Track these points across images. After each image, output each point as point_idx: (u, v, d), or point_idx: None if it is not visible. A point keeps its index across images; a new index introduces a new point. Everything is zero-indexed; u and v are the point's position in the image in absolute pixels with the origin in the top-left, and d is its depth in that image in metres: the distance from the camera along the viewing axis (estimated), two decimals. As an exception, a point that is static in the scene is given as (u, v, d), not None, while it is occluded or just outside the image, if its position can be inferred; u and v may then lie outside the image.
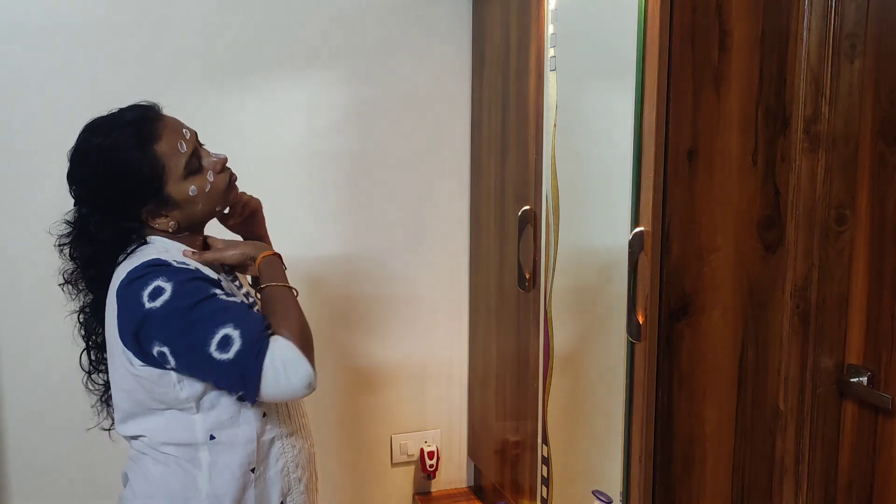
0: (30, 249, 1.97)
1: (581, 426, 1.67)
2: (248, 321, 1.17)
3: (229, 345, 1.14)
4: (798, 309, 1.42)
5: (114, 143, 1.22)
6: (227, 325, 1.15)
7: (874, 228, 1.32)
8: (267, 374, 1.14)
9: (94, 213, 1.25)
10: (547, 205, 1.76)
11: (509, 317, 2.04)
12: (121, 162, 1.21)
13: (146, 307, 1.16)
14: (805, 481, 1.43)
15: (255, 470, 1.26)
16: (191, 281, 1.19)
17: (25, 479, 2.03)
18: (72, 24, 1.94)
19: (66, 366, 2.03)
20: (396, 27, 2.21)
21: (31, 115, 1.94)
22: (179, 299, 1.16)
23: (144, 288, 1.17)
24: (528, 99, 1.85)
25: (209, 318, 1.15)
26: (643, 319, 1.39)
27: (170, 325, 1.16)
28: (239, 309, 1.19)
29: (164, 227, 1.27)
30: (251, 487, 1.26)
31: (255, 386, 1.15)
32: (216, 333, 1.14)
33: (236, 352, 1.13)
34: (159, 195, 1.24)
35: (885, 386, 1.30)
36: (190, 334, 1.15)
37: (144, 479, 1.26)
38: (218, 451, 1.24)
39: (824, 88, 1.36)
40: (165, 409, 1.24)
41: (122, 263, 1.24)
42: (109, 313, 1.23)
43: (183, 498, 1.23)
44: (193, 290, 1.18)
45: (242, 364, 1.14)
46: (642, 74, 1.36)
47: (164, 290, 1.16)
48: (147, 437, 1.26)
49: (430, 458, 2.35)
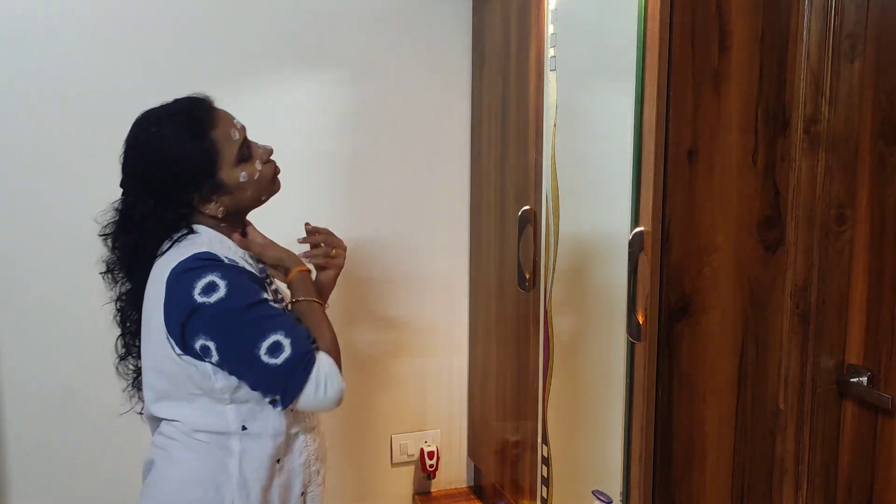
0: (30, 250, 1.97)
1: (581, 426, 1.67)
2: (298, 331, 1.22)
3: (279, 351, 1.19)
4: (798, 309, 1.42)
5: (171, 131, 1.26)
6: (278, 332, 1.20)
7: (874, 228, 1.32)
8: (309, 385, 1.20)
9: (145, 200, 1.28)
10: (547, 205, 1.76)
11: (509, 317, 2.04)
12: (177, 148, 1.26)
13: (198, 301, 1.19)
14: (805, 481, 1.43)
15: (281, 461, 1.31)
16: (244, 281, 1.23)
17: (25, 477, 2.03)
18: (72, 24, 1.94)
19: (65, 365, 2.04)
20: (397, 27, 2.21)
21: (31, 116, 1.94)
22: (234, 298, 1.20)
23: (197, 281, 1.20)
24: (528, 99, 1.85)
25: (262, 322, 1.20)
26: (643, 319, 1.39)
27: (221, 323, 1.20)
28: (288, 318, 1.24)
29: (213, 213, 1.30)
30: (277, 477, 1.30)
31: (295, 394, 1.20)
32: (267, 338, 1.19)
33: (285, 359, 1.19)
34: (212, 180, 1.27)
35: (885, 386, 1.30)
36: (241, 334, 1.19)
37: (175, 466, 1.29)
38: (248, 441, 1.28)
39: (824, 88, 1.36)
40: (200, 396, 1.27)
41: (168, 251, 1.27)
42: (152, 299, 1.26)
43: (214, 484, 1.26)
44: (247, 291, 1.22)
45: (289, 372, 1.19)
46: (642, 74, 1.36)
47: (218, 287, 1.20)
48: (180, 423, 1.29)
49: (430, 458, 2.35)
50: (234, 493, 1.27)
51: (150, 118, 1.30)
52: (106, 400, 2.06)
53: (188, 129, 1.27)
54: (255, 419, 1.28)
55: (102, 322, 2.03)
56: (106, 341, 2.05)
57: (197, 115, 1.29)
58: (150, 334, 1.28)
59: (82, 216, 1.99)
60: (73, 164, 1.98)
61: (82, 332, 2.03)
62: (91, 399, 2.05)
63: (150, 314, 1.28)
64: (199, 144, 1.26)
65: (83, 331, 2.03)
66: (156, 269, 1.28)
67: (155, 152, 1.27)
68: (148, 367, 1.32)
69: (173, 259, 1.24)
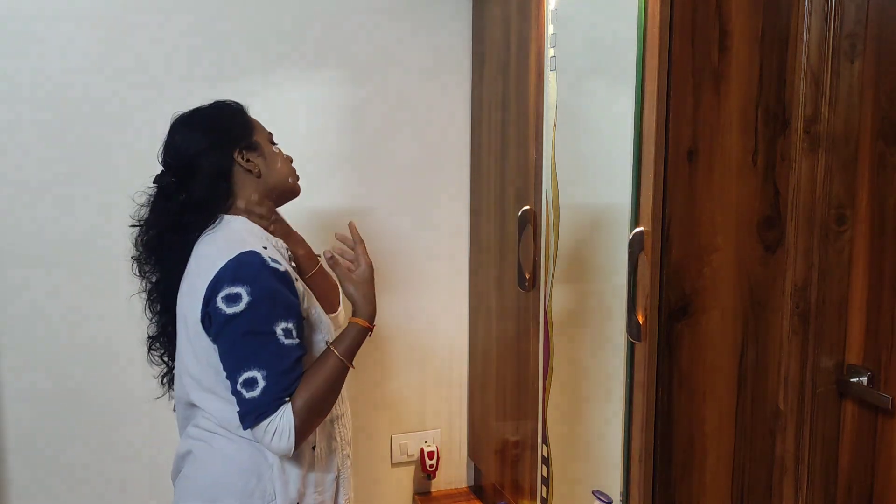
0: (30, 250, 1.97)
1: (581, 426, 1.67)
2: (279, 380, 1.24)
3: (253, 387, 1.24)
4: (798, 309, 1.42)
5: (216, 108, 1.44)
6: (261, 371, 1.23)
7: (874, 228, 1.32)
8: (257, 430, 1.25)
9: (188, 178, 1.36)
10: (547, 205, 1.76)
11: (509, 317, 2.04)
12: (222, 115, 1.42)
13: (218, 306, 1.24)
14: (805, 481, 1.43)
15: (316, 448, 1.38)
16: (266, 304, 1.25)
17: (25, 477, 2.03)
18: (72, 24, 1.94)
19: (65, 365, 2.04)
20: (397, 27, 2.21)
21: (30, 114, 1.94)
22: (243, 320, 1.24)
23: (228, 286, 1.24)
24: (528, 99, 1.85)
25: (252, 354, 1.24)
26: (643, 319, 1.39)
27: (224, 333, 1.25)
28: (282, 362, 1.25)
29: (251, 169, 1.38)
30: (313, 463, 1.38)
31: (249, 428, 1.26)
32: (249, 371, 1.24)
33: (252, 397, 1.24)
34: (249, 139, 1.40)
35: (885, 386, 1.30)
36: (231, 354, 1.25)
37: (216, 457, 1.34)
38: None
39: (824, 88, 1.36)
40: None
41: (209, 239, 1.33)
42: (192, 288, 1.30)
43: (256, 473, 1.32)
44: (260, 319, 1.24)
45: (250, 410, 1.24)
46: (642, 74, 1.36)
47: (239, 302, 1.24)
48: (217, 418, 1.33)
49: (430, 458, 2.35)
50: (276, 480, 1.33)
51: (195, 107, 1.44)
52: (106, 400, 2.07)
53: (231, 108, 1.44)
54: None
55: (103, 322, 2.05)
56: (106, 342, 2.06)
57: (235, 104, 1.46)
58: (187, 322, 1.32)
59: (82, 215, 2.00)
60: (74, 164, 1.98)
61: (83, 332, 2.04)
62: (91, 399, 2.05)
63: (188, 304, 1.31)
64: (237, 116, 1.43)
65: (84, 331, 2.04)
66: (198, 259, 1.33)
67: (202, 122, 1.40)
68: (187, 353, 1.35)
69: (219, 255, 1.28)
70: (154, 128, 2.03)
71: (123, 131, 2.02)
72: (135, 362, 2.09)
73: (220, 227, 1.35)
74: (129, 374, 2.07)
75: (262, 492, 1.32)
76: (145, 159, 2.03)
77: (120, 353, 2.06)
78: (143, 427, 2.10)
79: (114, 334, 2.06)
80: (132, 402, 2.08)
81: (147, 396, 2.09)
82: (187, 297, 1.32)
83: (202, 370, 1.32)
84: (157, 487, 2.12)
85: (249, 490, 1.31)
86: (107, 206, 2.01)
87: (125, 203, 2.03)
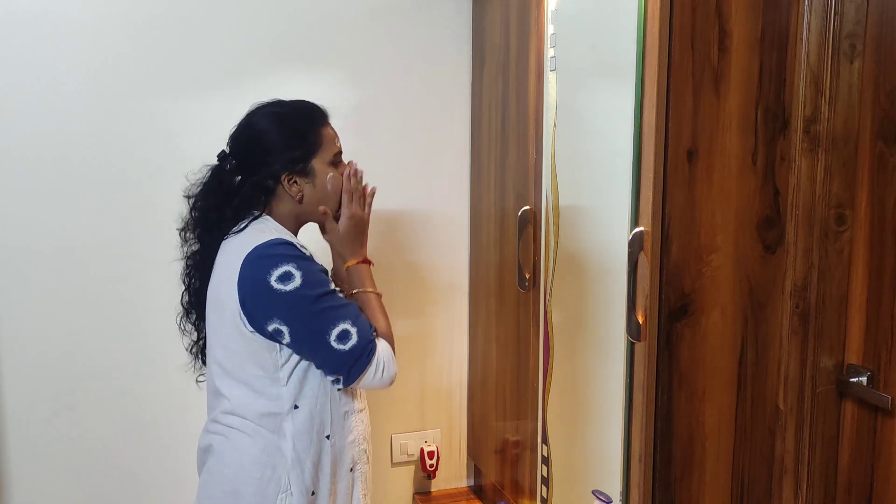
0: (30, 248, 1.97)
1: (581, 426, 1.67)
2: (362, 321, 1.37)
3: (347, 339, 1.34)
4: (798, 309, 1.42)
5: (297, 110, 1.46)
6: (346, 321, 1.34)
7: (874, 228, 1.32)
8: (370, 369, 1.36)
9: (243, 168, 1.42)
10: (547, 205, 1.76)
11: (509, 317, 2.04)
12: (296, 123, 1.44)
13: (274, 288, 1.31)
14: (805, 481, 1.43)
15: (331, 437, 1.43)
16: (316, 272, 1.35)
17: (25, 477, 2.03)
18: (72, 24, 1.94)
19: (65, 365, 2.04)
20: (396, 27, 2.21)
21: (30, 114, 1.94)
22: (308, 289, 1.32)
23: (274, 269, 1.32)
24: (528, 99, 1.85)
25: (332, 311, 1.34)
26: (643, 319, 1.39)
27: (296, 310, 1.32)
28: (353, 308, 1.38)
29: (293, 195, 1.43)
30: (327, 453, 1.42)
31: (356, 376, 1.36)
32: (337, 326, 1.33)
33: (352, 346, 1.34)
34: (305, 163, 1.43)
35: (885, 386, 1.30)
36: (313, 322, 1.33)
37: (235, 450, 1.40)
38: (299, 419, 1.39)
39: (824, 88, 1.36)
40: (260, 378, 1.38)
41: (242, 232, 1.40)
42: (225, 277, 1.37)
43: (271, 465, 1.38)
44: (319, 282, 1.35)
45: (355, 358, 1.34)
46: (642, 74, 1.36)
47: (294, 277, 1.32)
48: (237, 408, 1.39)
49: (430, 457, 2.35)
50: (290, 470, 1.38)
51: (278, 100, 1.47)
52: (106, 400, 2.07)
53: (310, 114, 1.46)
54: (306, 398, 1.39)
55: (103, 322, 2.05)
56: (106, 342, 2.06)
57: (317, 111, 1.48)
58: (222, 311, 1.38)
59: (82, 215, 2.00)
60: (74, 165, 1.98)
61: (83, 332, 2.04)
62: (91, 399, 2.06)
63: (222, 292, 1.38)
64: (311, 129, 1.44)
65: (84, 331, 2.04)
66: (229, 249, 1.39)
67: (276, 122, 1.43)
68: (217, 342, 1.42)
69: (248, 242, 1.36)
70: (153, 127, 2.05)
71: (124, 130, 2.02)
72: (136, 362, 2.09)
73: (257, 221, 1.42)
74: (130, 374, 2.07)
75: (278, 482, 1.38)
76: (144, 158, 2.04)
77: (119, 354, 2.07)
78: (144, 427, 2.10)
79: (116, 340, 2.06)
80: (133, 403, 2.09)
81: (147, 396, 2.10)
82: (224, 286, 1.37)
83: (227, 357, 1.39)
84: (157, 488, 2.12)
85: (265, 480, 1.37)
86: (107, 206, 2.01)
87: (125, 203, 2.05)
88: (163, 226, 2.06)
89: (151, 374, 2.09)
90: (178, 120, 2.05)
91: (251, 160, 1.42)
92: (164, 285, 2.07)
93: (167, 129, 2.04)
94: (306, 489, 1.39)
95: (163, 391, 2.10)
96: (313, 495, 1.41)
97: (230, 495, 1.39)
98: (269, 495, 1.37)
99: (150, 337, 2.08)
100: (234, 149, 1.45)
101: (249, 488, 1.37)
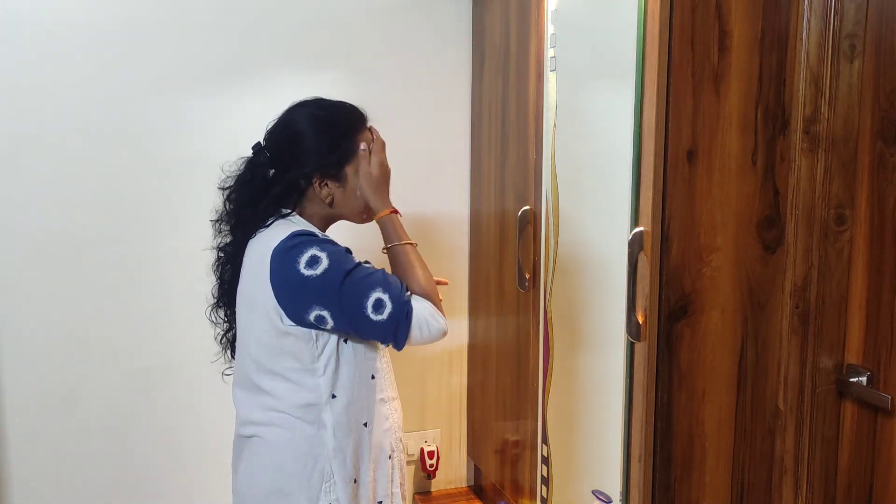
0: (30, 250, 1.97)
1: (581, 426, 1.67)
2: (392, 285, 1.36)
3: (382, 307, 1.33)
4: (798, 309, 1.42)
5: (336, 114, 1.45)
6: (377, 290, 1.34)
7: (874, 228, 1.32)
8: (413, 330, 1.35)
9: (277, 164, 1.43)
10: (547, 205, 1.76)
11: (509, 317, 2.04)
12: (333, 129, 1.43)
13: (305, 275, 1.31)
14: (805, 481, 1.43)
15: (368, 424, 1.43)
16: (340, 251, 1.36)
17: (25, 477, 2.03)
18: (72, 24, 1.95)
19: (65, 366, 2.04)
20: (397, 28, 2.21)
21: (30, 115, 1.94)
22: (336, 268, 1.33)
23: (300, 256, 1.32)
24: (528, 99, 1.85)
25: (361, 284, 1.33)
26: (643, 319, 1.39)
27: (329, 292, 1.32)
28: (381, 274, 1.37)
29: (322, 197, 1.43)
30: (366, 440, 1.43)
31: (404, 339, 1.36)
32: (370, 297, 1.33)
33: (389, 313, 1.33)
34: (339, 169, 1.42)
35: (885, 386, 1.30)
36: (348, 299, 1.33)
37: (273, 445, 1.40)
38: (337, 408, 1.39)
39: (824, 88, 1.36)
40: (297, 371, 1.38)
41: (269, 227, 1.40)
42: (255, 274, 1.37)
43: (312, 456, 1.38)
44: (345, 259, 1.35)
45: (395, 323, 1.34)
46: (642, 74, 1.36)
47: (320, 260, 1.32)
48: (277, 402, 1.39)
49: (430, 457, 2.35)
50: (332, 459, 1.38)
51: (320, 99, 1.47)
52: (106, 401, 2.07)
53: (348, 119, 1.45)
54: (343, 387, 1.39)
55: (103, 323, 2.05)
56: (106, 343, 2.06)
57: (354, 117, 1.47)
58: (254, 307, 1.38)
59: (82, 216, 2.00)
60: (73, 165, 1.98)
61: (83, 333, 2.04)
62: (91, 400, 2.06)
63: (254, 288, 1.38)
64: (347, 140, 1.43)
65: (84, 332, 2.04)
66: (257, 245, 1.39)
67: (313, 121, 1.43)
68: (250, 338, 1.41)
69: (274, 237, 1.36)
70: (153, 126, 2.05)
71: (124, 130, 2.02)
72: (139, 363, 2.09)
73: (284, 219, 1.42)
74: (130, 376, 2.07)
75: (321, 472, 1.38)
76: (145, 156, 2.05)
77: (122, 354, 2.07)
78: (143, 428, 2.10)
79: (116, 336, 2.06)
80: (134, 404, 2.09)
81: (149, 397, 2.10)
82: (254, 283, 1.38)
83: (262, 352, 1.39)
84: (158, 488, 2.12)
85: (308, 472, 1.38)
86: (107, 206, 2.01)
87: (125, 203, 2.05)
88: (165, 222, 2.07)
89: (154, 371, 2.09)
90: (178, 120, 2.05)
91: (285, 158, 1.42)
92: (165, 281, 2.08)
93: (168, 128, 2.05)
94: (349, 477, 1.40)
95: (166, 388, 2.10)
96: (355, 483, 1.41)
97: (275, 493, 1.39)
98: (314, 486, 1.38)
99: (154, 332, 2.08)
100: (270, 143, 1.46)
101: (294, 483, 1.38)
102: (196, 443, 2.11)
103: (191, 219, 2.08)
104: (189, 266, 2.06)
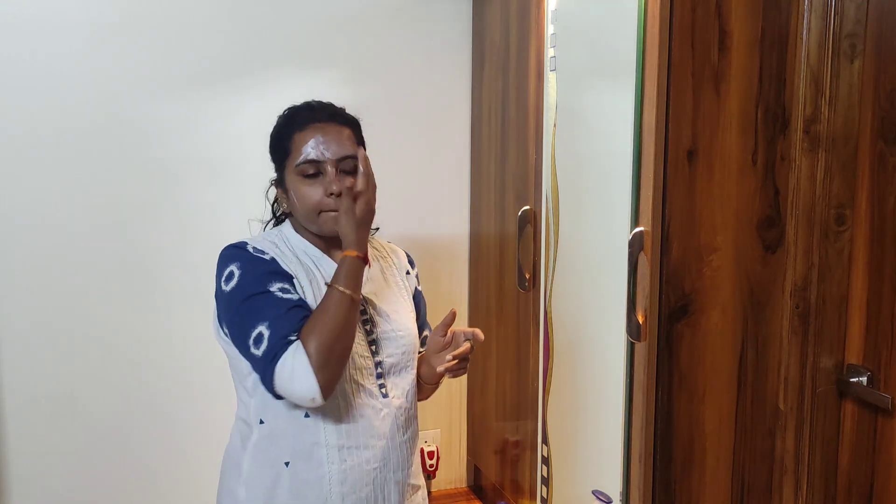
0: (29, 252, 1.97)
1: (581, 426, 1.67)
2: (282, 323, 1.22)
3: (261, 342, 1.21)
4: (798, 309, 1.42)
5: (282, 115, 1.38)
6: (263, 323, 1.22)
7: (874, 228, 1.32)
8: (276, 378, 1.20)
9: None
10: (547, 205, 1.76)
11: (509, 317, 2.04)
12: (275, 130, 1.37)
13: (221, 288, 1.27)
14: (805, 481, 1.43)
15: (290, 465, 1.29)
16: (255, 273, 1.26)
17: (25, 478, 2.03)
18: (72, 24, 1.95)
19: (65, 368, 2.04)
20: (397, 28, 2.21)
21: (29, 115, 1.94)
22: (240, 289, 1.25)
23: (224, 269, 1.28)
24: (528, 99, 1.85)
25: (253, 313, 1.24)
26: (643, 319, 1.39)
27: (230, 310, 1.26)
28: (280, 309, 1.23)
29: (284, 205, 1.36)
30: (284, 481, 1.29)
31: (269, 384, 1.22)
32: (255, 328, 1.22)
33: (263, 351, 1.21)
34: (281, 174, 1.34)
35: (885, 386, 1.30)
36: (239, 324, 1.25)
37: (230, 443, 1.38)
38: (263, 435, 1.30)
39: (824, 88, 1.36)
40: (238, 383, 1.33)
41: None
42: None
43: (237, 467, 1.33)
44: (253, 282, 1.25)
45: (265, 363, 1.21)
46: (642, 74, 1.36)
47: (233, 277, 1.26)
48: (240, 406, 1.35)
49: (430, 457, 2.35)
50: (243, 484, 1.31)
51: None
52: (105, 402, 2.07)
53: (285, 119, 1.36)
54: (269, 416, 1.29)
55: (103, 325, 2.05)
56: (106, 344, 2.06)
57: (299, 112, 1.36)
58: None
59: (81, 218, 2.00)
60: (74, 165, 1.98)
61: (82, 335, 2.04)
62: (90, 402, 2.05)
63: None
64: (284, 135, 1.34)
65: (83, 334, 2.04)
66: None
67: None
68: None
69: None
70: (153, 127, 2.05)
71: (123, 131, 2.02)
72: (139, 363, 2.09)
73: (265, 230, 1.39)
74: (130, 376, 2.07)
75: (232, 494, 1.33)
76: (143, 158, 2.05)
77: (122, 355, 2.07)
78: (142, 429, 2.10)
79: (116, 336, 2.06)
80: (134, 405, 2.09)
81: (149, 397, 2.10)
82: None
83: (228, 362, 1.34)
84: (158, 488, 2.12)
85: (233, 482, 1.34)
86: (108, 207, 2.01)
87: (126, 203, 2.05)
88: (163, 223, 2.07)
89: (154, 371, 2.09)
90: (180, 120, 2.05)
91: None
92: (166, 282, 2.08)
93: (169, 128, 2.05)
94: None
95: (166, 388, 2.10)
96: None
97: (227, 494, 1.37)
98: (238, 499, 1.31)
99: (155, 333, 2.08)
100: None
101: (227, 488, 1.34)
102: (196, 443, 2.11)
103: (192, 219, 2.09)
104: (191, 267, 2.07)
